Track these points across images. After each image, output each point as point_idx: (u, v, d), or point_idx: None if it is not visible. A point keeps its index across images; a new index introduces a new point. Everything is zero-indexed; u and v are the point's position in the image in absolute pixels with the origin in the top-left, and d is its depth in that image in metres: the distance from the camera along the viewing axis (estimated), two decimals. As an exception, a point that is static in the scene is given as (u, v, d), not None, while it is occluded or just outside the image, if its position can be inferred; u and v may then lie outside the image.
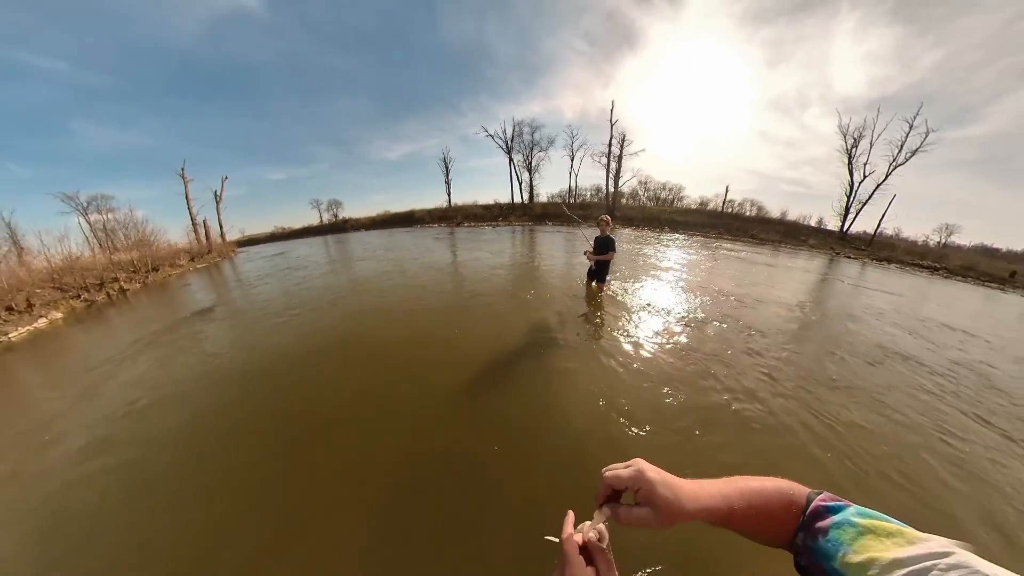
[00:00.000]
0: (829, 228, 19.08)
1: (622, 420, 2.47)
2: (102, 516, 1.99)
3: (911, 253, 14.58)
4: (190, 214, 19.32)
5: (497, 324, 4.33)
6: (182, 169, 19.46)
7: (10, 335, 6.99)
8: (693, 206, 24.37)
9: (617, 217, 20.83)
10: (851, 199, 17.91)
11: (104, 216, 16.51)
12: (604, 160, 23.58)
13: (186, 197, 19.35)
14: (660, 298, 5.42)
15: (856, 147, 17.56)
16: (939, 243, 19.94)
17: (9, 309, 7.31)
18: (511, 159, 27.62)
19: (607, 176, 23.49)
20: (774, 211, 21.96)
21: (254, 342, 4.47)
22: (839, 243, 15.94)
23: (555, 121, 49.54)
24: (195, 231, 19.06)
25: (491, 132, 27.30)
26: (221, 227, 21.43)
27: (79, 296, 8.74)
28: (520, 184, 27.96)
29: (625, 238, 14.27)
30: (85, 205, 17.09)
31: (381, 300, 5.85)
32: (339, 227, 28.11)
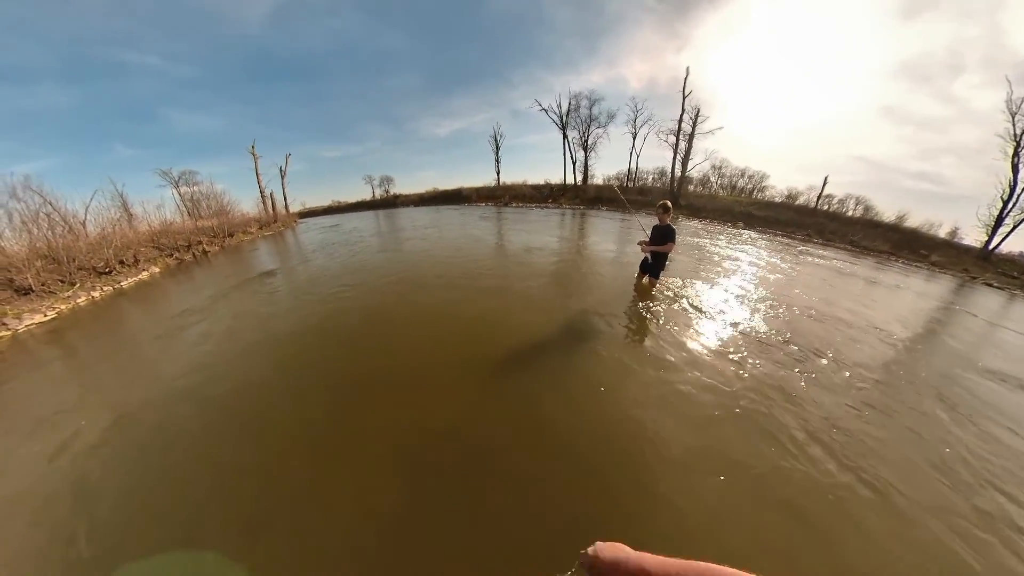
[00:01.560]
0: (966, 243, 14.81)
1: (649, 438, 2.31)
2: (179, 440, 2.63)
3: None
4: (259, 187, 22.12)
5: (535, 310, 4.40)
6: (252, 147, 22.06)
7: (122, 283, 8.59)
8: (777, 199, 21.20)
9: (681, 206, 19.10)
10: (1009, 206, 13.40)
11: (191, 188, 19.64)
12: (671, 139, 21.38)
13: (256, 172, 22.06)
14: (719, 304, 4.91)
15: None
16: None
17: (121, 263, 8.89)
18: (565, 136, 26.27)
19: (674, 157, 21.30)
20: (888, 213, 17.62)
21: (305, 306, 5.20)
22: (978, 264, 12.42)
23: (617, 93, 44.77)
24: (263, 203, 21.81)
25: (545, 106, 26.06)
26: (285, 199, 24.45)
27: (171, 255, 10.42)
28: (574, 164, 26.68)
29: (689, 231, 12.96)
30: (176, 179, 20.00)
31: (425, 274, 6.31)
32: (390, 202, 29.80)
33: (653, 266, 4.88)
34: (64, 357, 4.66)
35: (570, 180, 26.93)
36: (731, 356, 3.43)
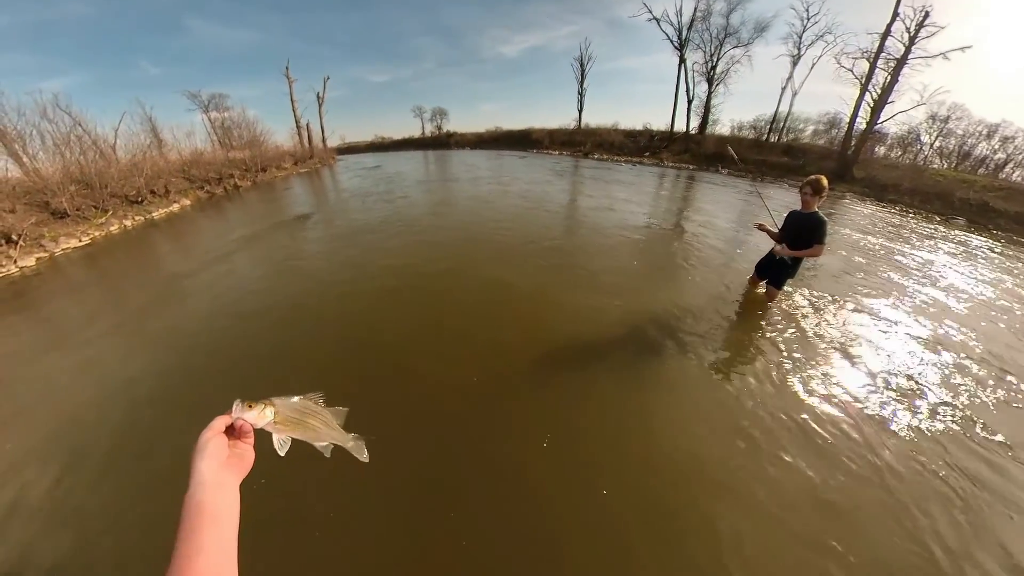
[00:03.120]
0: None
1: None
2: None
3: None
4: (295, 116, 22.28)
5: (595, 302, 4.06)
6: (287, 68, 21.54)
7: (153, 214, 9.58)
8: None
9: (855, 179, 13.99)
10: None
11: (221, 114, 19.66)
12: (862, 66, 14.85)
13: (291, 98, 21.99)
14: (879, 347, 3.39)
15: None
16: None
17: (152, 192, 9.88)
18: (682, 60, 20.91)
19: (859, 97, 14.91)
20: None
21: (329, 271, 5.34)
22: None
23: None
24: (299, 134, 22.13)
25: (657, 14, 20.53)
26: (323, 132, 24.51)
27: (203, 187, 11.36)
28: (689, 103, 21.62)
29: (856, 222, 9.30)
30: (206, 103, 20.58)
31: (475, 247, 6.07)
32: (442, 142, 29.02)
33: (777, 270, 3.75)
34: (99, 280, 5.82)
35: (680, 126, 22.23)
36: (872, 444, 2.35)
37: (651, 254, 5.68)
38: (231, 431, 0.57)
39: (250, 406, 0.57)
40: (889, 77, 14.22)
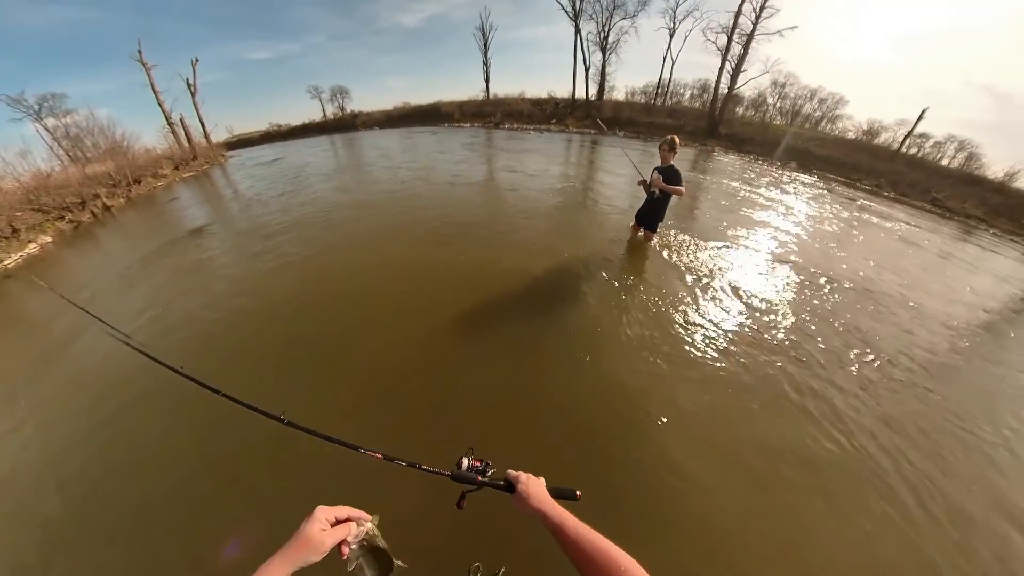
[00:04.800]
0: None
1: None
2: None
3: None
4: (163, 111, 18.30)
5: (520, 263, 4.59)
6: (139, 52, 17.27)
7: (5, 263, 8.08)
8: (850, 134, 18.58)
9: (721, 135, 16.99)
10: None
11: (62, 120, 15.85)
12: (721, 39, 17.95)
13: (152, 89, 17.89)
14: (728, 272, 4.65)
15: None
16: None
17: (-6, 235, 8.24)
18: (578, 30, 22.47)
19: (721, 67, 18.09)
20: (995, 166, 14.84)
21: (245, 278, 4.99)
22: None
23: (654, -34, 36.85)
24: (172, 132, 18.48)
25: None
26: (203, 126, 20.56)
27: (62, 217, 9.64)
28: (587, 71, 23.33)
29: (724, 170, 11.70)
30: (37, 108, 16.19)
31: (388, 229, 6.06)
32: (347, 123, 26.91)
33: (650, 216, 4.69)
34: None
35: (581, 93, 23.89)
36: (725, 344, 3.34)
37: (561, 213, 6.54)
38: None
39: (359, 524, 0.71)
40: (742, 49, 17.21)
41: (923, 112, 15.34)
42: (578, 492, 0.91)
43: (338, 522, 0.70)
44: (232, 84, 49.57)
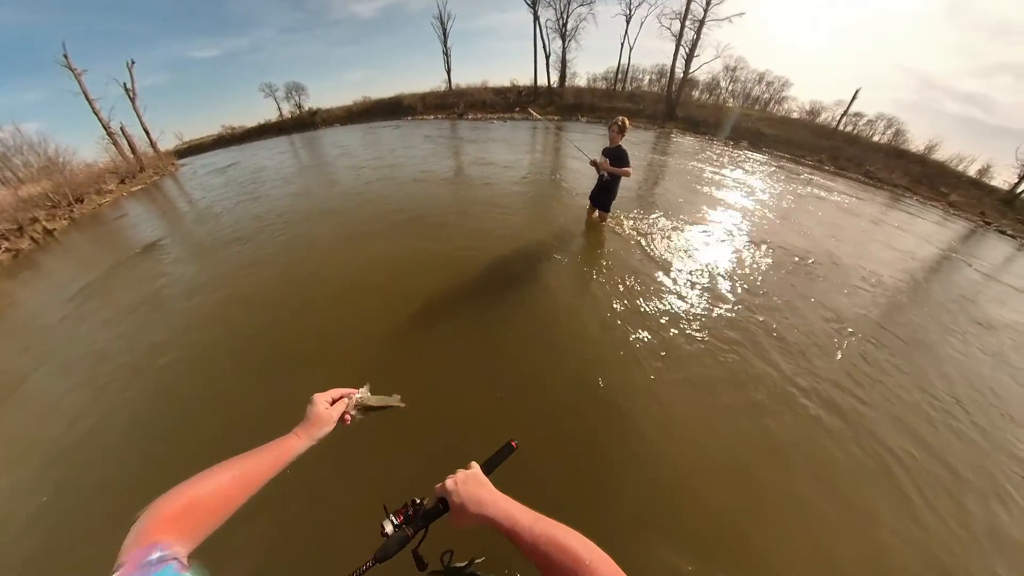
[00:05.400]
0: (993, 184, 14.56)
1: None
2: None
3: None
4: (100, 121, 16.67)
5: (493, 248, 4.60)
6: (64, 55, 15.65)
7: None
8: (795, 114, 19.91)
9: (678, 118, 17.64)
10: None
11: None
12: (675, 26, 18.58)
13: (85, 97, 16.27)
14: (692, 242, 4.95)
15: None
16: None
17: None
18: (536, 18, 22.49)
19: (675, 52, 18.80)
20: (918, 141, 16.65)
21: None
22: (998, 208, 12.42)
23: (612, -50, 37.50)
24: (114, 143, 16.90)
25: None
26: (148, 134, 18.80)
27: None
28: (547, 58, 23.44)
29: (682, 151, 12.18)
30: None
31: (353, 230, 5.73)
32: (306, 122, 25.55)
33: (602, 197, 4.73)
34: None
35: (543, 81, 23.98)
36: (685, 322, 3.44)
37: (528, 200, 6.57)
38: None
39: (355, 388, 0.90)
40: (695, 35, 17.86)
41: (856, 92, 16.69)
42: (514, 442, 0.82)
43: (334, 401, 0.86)
44: (177, 86, 45.54)
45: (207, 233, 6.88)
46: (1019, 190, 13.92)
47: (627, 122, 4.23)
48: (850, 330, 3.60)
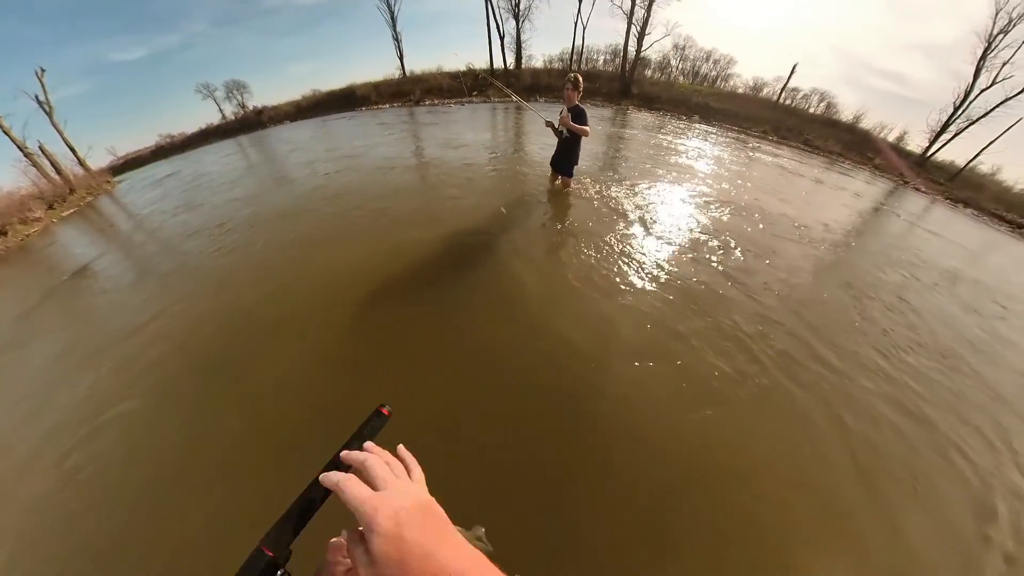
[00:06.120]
0: (909, 148, 16.73)
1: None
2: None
3: (1000, 201, 12.73)
4: (12, 141, 14.47)
5: (461, 226, 4.36)
6: None
7: None
8: (740, 89, 21.04)
9: (634, 95, 18.09)
10: (959, 112, 15.08)
11: None
12: (627, 5, 18.99)
13: None
14: (654, 205, 5.11)
15: (1005, 34, 13.62)
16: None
17: None
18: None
19: (627, 31, 19.23)
20: (847, 112, 18.44)
21: None
22: (914, 169, 14.32)
23: (563, -72, 37.41)
24: (34, 165, 14.76)
25: None
26: (73, 151, 16.55)
27: None
28: (502, 40, 23.10)
29: (641, 125, 12.62)
30: None
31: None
32: (253, 122, 23.64)
33: (563, 161, 4.62)
34: None
35: (499, 63, 23.67)
36: (657, 267, 3.70)
37: (494, 178, 6.38)
38: None
39: None
40: (645, 13, 18.25)
41: (794, 68, 17.96)
42: (385, 408, 0.59)
43: None
44: (102, 94, 39.42)
45: (139, 266, 5.45)
46: (929, 154, 15.85)
47: (580, 78, 4.04)
48: (796, 279, 3.92)
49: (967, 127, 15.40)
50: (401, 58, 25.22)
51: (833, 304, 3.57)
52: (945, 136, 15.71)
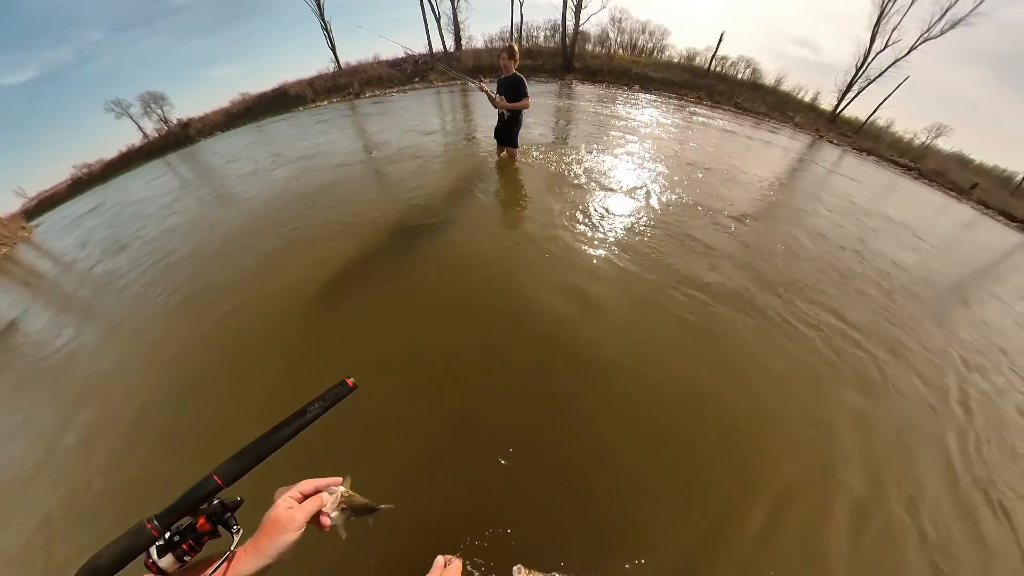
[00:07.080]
0: (822, 107, 18.96)
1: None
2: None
3: (894, 148, 15.36)
4: None
5: (417, 212, 4.27)
6: None
7: None
8: (676, 59, 22.02)
9: (576, 69, 18.39)
10: (859, 73, 17.39)
11: None
12: None
13: None
14: (601, 168, 5.33)
15: (894, 1, 15.79)
16: (923, 143, 19.55)
17: None
18: None
19: (564, 4, 19.42)
20: (769, 77, 20.15)
21: None
22: (827, 125, 16.32)
23: None
24: None
25: None
26: None
27: None
28: (439, 21, 22.41)
29: (585, 97, 13.01)
30: None
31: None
32: (180, 138, 21.09)
33: (505, 133, 4.62)
34: None
35: (438, 46, 23.02)
36: (611, 217, 4.00)
37: (445, 159, 6.16)
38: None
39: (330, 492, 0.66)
40: (581, -13, 18.43)
41: (721, 36, 18.97)
42: (349, 379, 0.70)
43: (305, 497, 0.64)
44: None
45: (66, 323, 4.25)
46: (838, 111, 17.96)
47: (516, 46, 4.07)
48: (745, 221, 4.40)
49: (867, 86, 17.67)
50: (334, 50, 23.74)
51: (772, 236, 4.22)
52: (850, 95, 17.84)
